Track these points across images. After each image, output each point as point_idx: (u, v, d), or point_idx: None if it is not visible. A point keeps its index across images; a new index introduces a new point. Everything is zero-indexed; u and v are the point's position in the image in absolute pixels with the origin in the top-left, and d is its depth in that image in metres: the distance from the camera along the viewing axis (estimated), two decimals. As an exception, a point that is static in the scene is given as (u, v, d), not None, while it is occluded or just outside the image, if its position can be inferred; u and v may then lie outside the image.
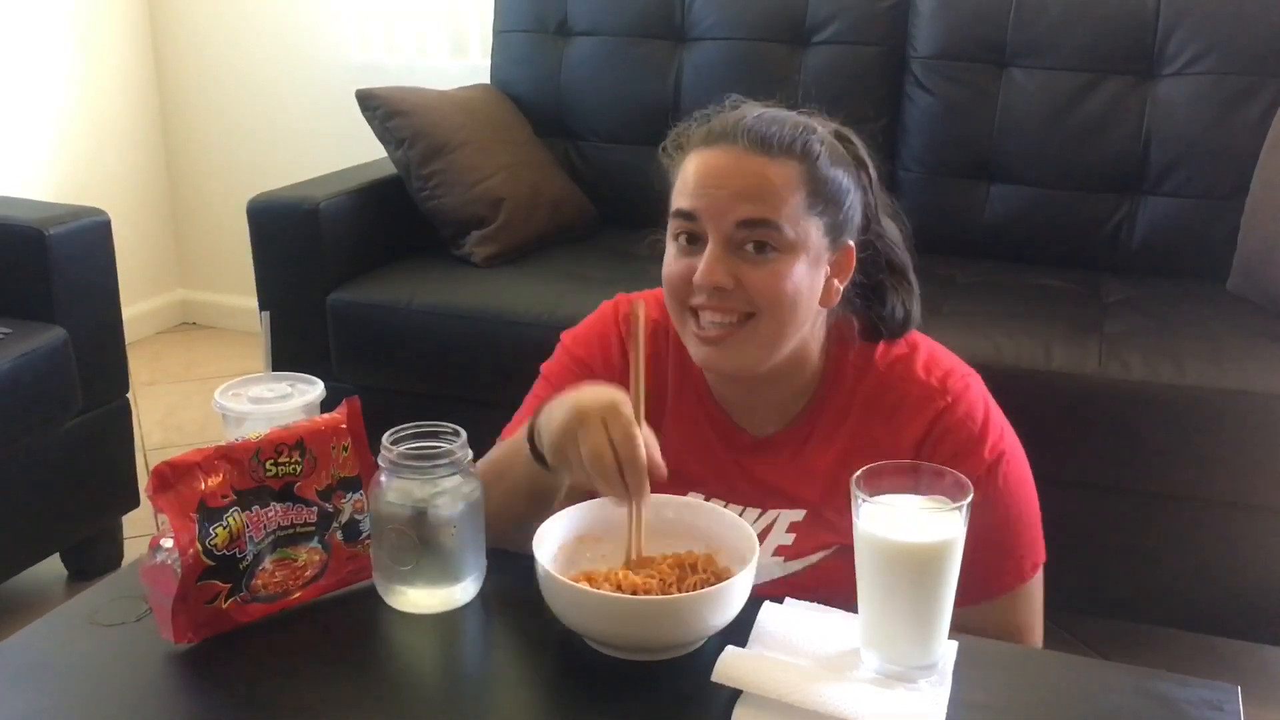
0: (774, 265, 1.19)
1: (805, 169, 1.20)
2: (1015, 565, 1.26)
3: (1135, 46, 2.49)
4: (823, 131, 1.25)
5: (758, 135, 1.20)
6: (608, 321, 1.37)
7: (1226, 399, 1.96)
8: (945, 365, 1.29)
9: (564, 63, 2.92)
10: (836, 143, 1.26)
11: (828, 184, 1.21)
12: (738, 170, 1.20)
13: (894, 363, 1.29)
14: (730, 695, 0.99)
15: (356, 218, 2.60)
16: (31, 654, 1.09)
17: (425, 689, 1.07)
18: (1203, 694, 1.01)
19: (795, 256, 1.20)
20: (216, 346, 3.86)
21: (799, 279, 1.20)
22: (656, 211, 1.31)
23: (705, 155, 1.22)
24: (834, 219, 1.22)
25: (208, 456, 1.06)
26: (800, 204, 1.19)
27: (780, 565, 1.27)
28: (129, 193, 3.79)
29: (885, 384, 1.28)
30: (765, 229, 1.18)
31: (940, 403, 1.25)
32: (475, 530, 1.12)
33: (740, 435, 1.32)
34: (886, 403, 1.27)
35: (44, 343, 2.19)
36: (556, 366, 1.39)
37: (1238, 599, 2.07)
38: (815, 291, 1.23)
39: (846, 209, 1.24)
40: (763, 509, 1.29)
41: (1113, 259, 2.54)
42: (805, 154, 1.20)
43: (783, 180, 1.19)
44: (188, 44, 3.81)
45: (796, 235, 1.19)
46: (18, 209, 2.37)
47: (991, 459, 1.24)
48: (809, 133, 1.22)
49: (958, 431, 1.24)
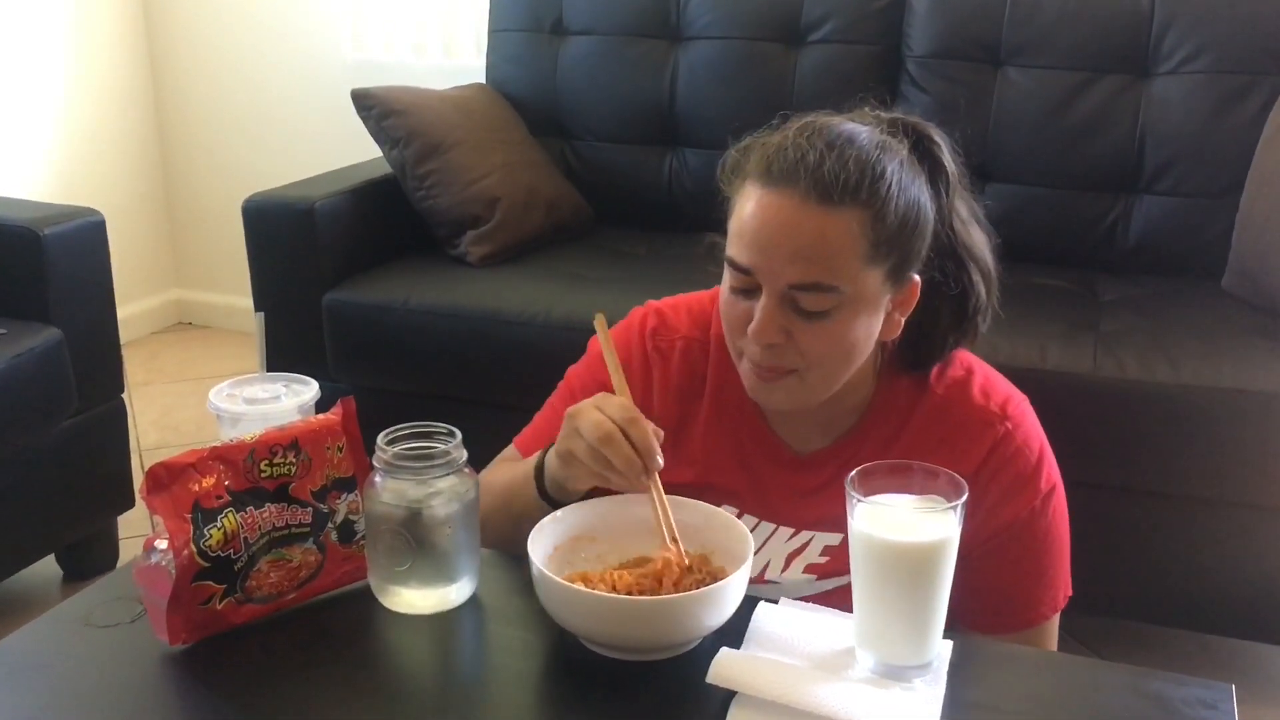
0: (827, 325, 1.14)
1: (870, 215, 1.12)
2: (1051, 597, 1.26)
3: (1130, 45, 2.49)
4: (899, 150, 1.16)
5: (820, 180, 1.11)
6: (633, 332, 1.34)
7: (1222, 397, 1.96)
8: (1003, 390, 1.26)
9: (559, 62, 2.92)
10: (913, 157, 1.17)
11: (895, 226, 1.13)
12: (795, 228, 1.11)
13: (951, 385, 1.25)
14: (725, 696, 0.99)
15: (352, 218, 2.60)
16: (26, 655, 1.09)
17: (420, 689, 1.07)
18: (1198, 693, 1.01)
19: (851, 311, 1.14)
20: (212, 346, 3.86)
21: (854, 331, 1.15)
22: (651, 211, 1.30)
23: (762, 200, 1.13)
24: (899, 259, 1.15)
25: (202, 457, 1.06)
26: (861, 255, 1.12)
27: (810, 584, 1.25)
28: (124, 192, 3.78)
29: (942, 408, 1.24)
30: (819, 293, 1.12)
31: (1000, 429, 1.22)
32: (470, 531, 1.12)
33: (783, 450, 1.28)
34: (944, 427, 1.23)
35: (39, 343, 2.19)
36: (581, 378, 1.36)
37: (1233, 598, 2.07)
38: (873, 335, 1.18)
39: (915, 243, 1.16)
40: (797, 529, 1.27)
41: (1108, 258, 2.55)
42: (872, 198, 1.11)
43: (843, 235, 1.11)
44: (183, 44, 3.80)
45: (854, 290, 1.13)
46: (13, 209, 2.37)
47: (1046, 490, 1.23)
48: (881, 165, 1.13)
49: (1016, 461, 1.22)
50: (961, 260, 1.22)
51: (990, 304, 1.25)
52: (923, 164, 1.19)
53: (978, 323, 1.24)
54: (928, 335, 1.24)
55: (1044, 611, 1.26)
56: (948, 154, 1.22)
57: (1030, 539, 1.24)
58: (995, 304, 1.26)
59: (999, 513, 1.22)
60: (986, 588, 1.21)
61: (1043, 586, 1.25)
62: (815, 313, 1.13)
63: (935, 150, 1.21)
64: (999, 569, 1.23)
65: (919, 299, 1.20)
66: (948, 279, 1.21)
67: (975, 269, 1.22)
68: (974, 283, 1.22)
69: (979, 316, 1.24)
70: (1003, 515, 1.22)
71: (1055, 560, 1.26)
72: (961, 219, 1.23)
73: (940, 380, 1.25)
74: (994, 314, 1.26)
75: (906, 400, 1.26)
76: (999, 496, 1.22)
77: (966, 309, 1.23)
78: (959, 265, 1.22)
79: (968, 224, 1.23)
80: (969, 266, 1.22)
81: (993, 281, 1.25)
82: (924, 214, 1.17)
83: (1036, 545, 1.24)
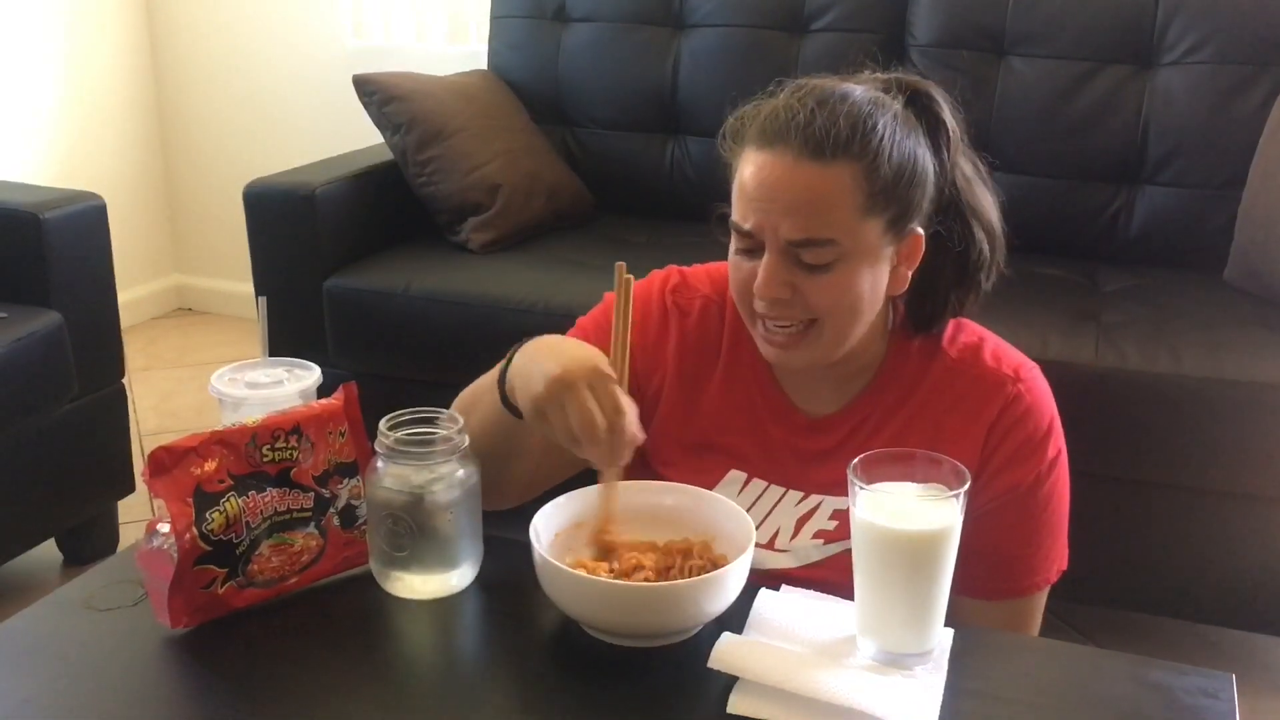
0: (831, 276, 1.16)
1: (864, 168, 1.14)
2: (1046, 567, 1.27)
3: (1134, 35, 2.49)
4: (893, 105, 1.18)
5: (812, 137, 1.13)
6: (651, 292, 1.35)
7: (1223, 389, 1.96)
8: (1016, 356, 1.27)
9: (561, 48, 2.91)
10: (909, 112, 1.19)
11: (890, 177, 1.15)
12: (789, 185, 1.14)
13: (964, 349, 1.26)
14: (727, 682, 0.99)
15: (353, 203, 2.59)
16: (27, 638, 1.09)
17: (421, 674, 1.08)
18: (1198, 682, 1.01)
19: (853, 263, 1.16)
20: (212, 332, 3.86)
21: (858, 283, 1.17)
22: (652, 199, 1.30)
23: (758, 161, 1.16)
24: (897, 211, 1.17)
25: (204, 441, 1.06)
26: (857, 208, 1.14)
27: (818, 549, 1.25)
28: (125, 177, 3.78)
29: (955, 370, 1.25)
30: (816, 247, 1.14)
31: (1012, 390, 1.23)
32: (472, 516, 1.12)
33: (794, 414, 1.29)
34: (956, 389, 1.24)
35: (39, 327, 2.19)
36: (595, 324, 1.35)
37: (1233, 588, 2.07)
38: (879, 287, 1.19)
39: (913, 195, 1.18)
40: (806, 493, 1.27)
41: (1110, 248, 2.54)
42: (864, 151, 1.14)
43: (836, 189, 1.14)
44: (183, 28, 3.79)
45: (853, 242, 1.15)
46: (13, 193, 2.36)
47: (1053, 456, 1.24)
48: (872, 120, 1.15)
49: (1026, 423, 1.22)
50: (964, 216, 1.23)
51: (995, 262, 1.26)
52: (921, 119, 1.20)
53: (980, 280, 1.25)
54: (930, 290, 1.25)
55: (1037, 581, 1.26)
56: (948, 111, 1.23)
57: (1032, 504, 1.24)
58: (1000, 263, 1.27)
59: (1005, 475, 1.22)
60: (983, 550, 1.20)
61: (1040, 555, 1.25)
62: (817, 266, 1.15)
63: (934, 107, 1.22)
64: (998, 532, 1.23)
65: (924, 256, 1.21)
66: (952, 235, 1.22)
67: (978, 225, 1.23)
68: (976, 239, 1.23)
69: (981, 273, 1.25)
70: (1008, 478, 1.22)
71: (1054, 530, 1.26)
72: (965, 176, 1.24)
73: (953, 344, 1.27)
74: (999, 273, 1.27)
75: (918, 363, 1.26)
76: (1006, 458, 1.22)
77: (968, 266, 1.24)
78: (962, 222, 1.23)
79: (971, 181, 1.25)
80: (971, 223, 1.23)
81: (998, 239, 1.26)
82: (921, 167, 1.18)
83: (1037, 511, 1.24)
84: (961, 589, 1.21)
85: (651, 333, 1.33)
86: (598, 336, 1.27)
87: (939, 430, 1.22)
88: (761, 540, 1.26)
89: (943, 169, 1.21)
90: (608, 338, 1.19)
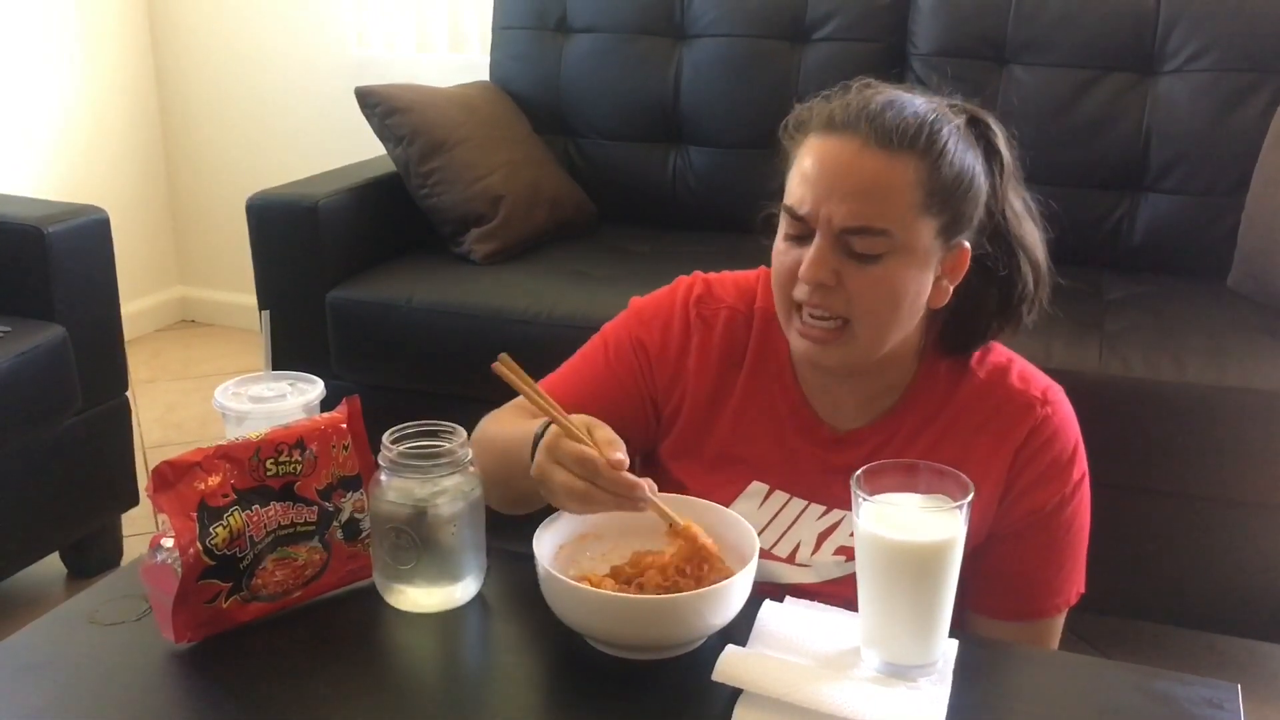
0: (877, 269, 1.16)
1: (927, 165, 1.15)
2: (1067, 590, 1.27)
3: (1136, 43, 2.49)
4: (956, 119, 1.20)
5: (881, 126, 1.15)
6: (675, 302, 1.34)
7: (1227, 396, 1.96)
8: (1042, 379, 1.28)
9: (563, 59, 2.92)
10: (969, 130, 1.21)
11: (949, 180, 1.16)
12: (854, 167, 1.15)
13: (993, 370, 1.26)
14: (731, 694, 0.99)
15: (356, 215, 2.60)
16: (31, 653, 1.09)
17: (425, 688, 1.07)
18: (1203, 692, 1.01)
19: (902, 259, 1.16)
20: (215, 344, 3.86)
21: (903, 282, 1.17)
22: (655, 209, 1.30)
23: (824, 145, 1.17)
24: (950, 217, 1.17)
25: (208, 455, 1.06)
26: (915, 204, 1.15)
27: (840, 565, 1.25)
28: (128, 190, 3.79)
29: (983, 391, 1.25)
30: (870, 236, 1.14)
31: (1040, 412, 1.23)
32: (475, 529, 1.12)
33: (820, 427, 1.29)
34: (984, 410, 1.24)
35: (43, 340, 2.19)
36: (616, 335, 1.35)
37: (1238, 597, 2.07)
38: (922, 293, 1.20)
39: (966, 206, 1.19)
40: (829, 508, 1.27)
41: (1113, 256, 2.54)
42: (929, 148, 1.15)
43: (899, 180, 1.14)
44: (187, 41, 3.80)
45: (906, 238, 1.15)
46: (17, 207, 2.37)
47: (1078, 479, 1.25)
48: (939, 122, 1.17)
49: (1053, 445, 1.23)
50: (1011, 248, 1.24)
51: (1039, 298, 1.27)
52: (978, 143, 1.21)
53: (1022, 312, 1.26)
54: (972, 316, 1.25)
55: (1058, 603, 1.26)
56: (1003, 142, 1.24)
57: (1056, 527, 1.24)
58: (1044, 300, 1.28)
59: (1030, 496, 1.22)
60: (1006, 572, 1.21)
61: (1061, 577, 1.26)
62: (867, 256, 1.15)
63: (990, 135, 1.23)
64: (1021, 554, 1.23)
65: (968, 278, 1.22)
66: (998, 262, 1.23)
67: (1025, 259, 1.25)
68: (1022, 271, 1.24)
69: (1024, 306, 1.26)
70: (1033, 500, 1.22)
71: (1075, 553, 1.26)
72: (1015, 210, 1.25)
73: (981, 365, 1.27)
74: (1042, 310, 1.28)
75: (946, 383, 1.27)
76: (1032, 480, 1.22)
77: (1012, 296, 1.25)
78: (1009, 252, 1.24)
79: (1020, 217, 1.26)
80: (1018, 255, 1.24)
81: (1043, 276, 1.27)
82: (977, 180, 1.19)
83: (1060, 534, 1.24)
84: (982, 610, 1.22)
85: (673, 347, 1.32)
86: (618, 352, 1.33)
87: (966, 450, 1.22)
88: (782, 554, 1.26)
89: (994, 193, 1.22)
90: (634, 338, 1.29)
